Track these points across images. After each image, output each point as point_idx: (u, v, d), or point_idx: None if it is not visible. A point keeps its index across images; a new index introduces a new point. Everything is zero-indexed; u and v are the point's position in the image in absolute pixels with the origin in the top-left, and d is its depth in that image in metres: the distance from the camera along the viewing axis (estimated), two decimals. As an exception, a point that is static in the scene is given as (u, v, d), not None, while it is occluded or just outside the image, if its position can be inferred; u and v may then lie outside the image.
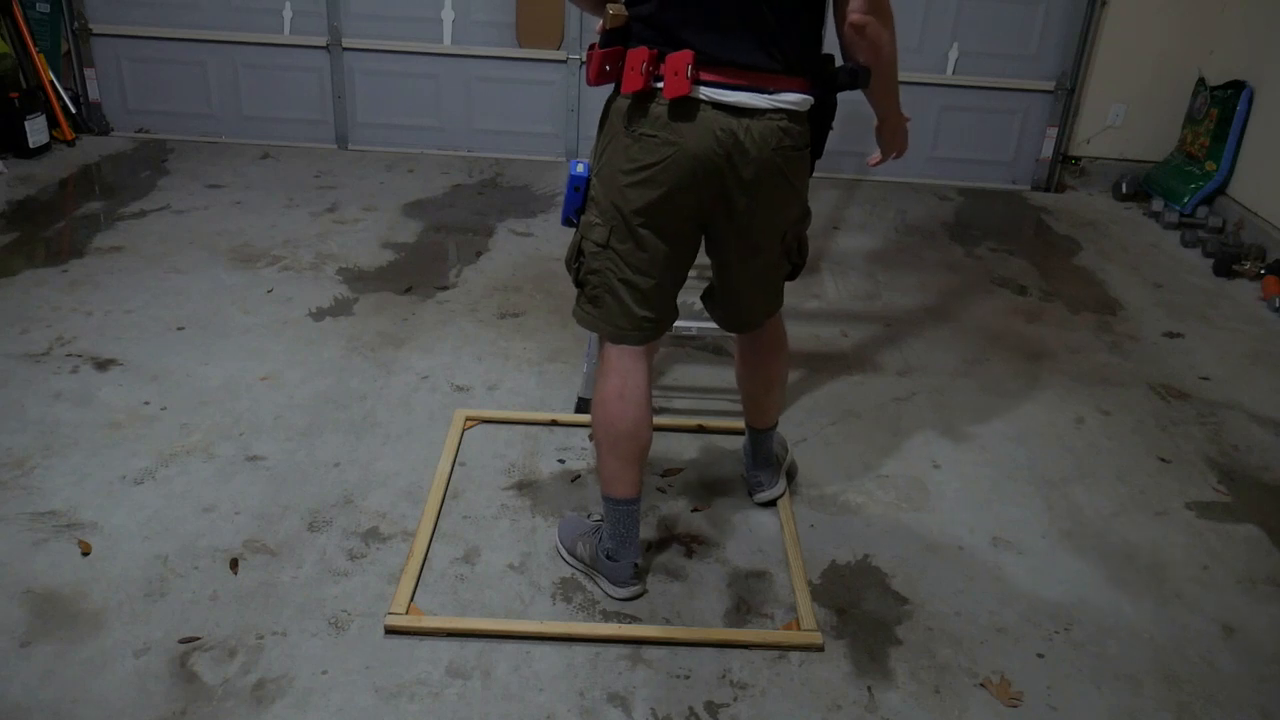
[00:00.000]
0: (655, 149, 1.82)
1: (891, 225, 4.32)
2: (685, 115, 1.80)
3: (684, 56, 1.75)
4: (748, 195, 1.88)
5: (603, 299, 1.97)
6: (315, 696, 1.84)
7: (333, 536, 2.25)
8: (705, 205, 1.89)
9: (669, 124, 1.80)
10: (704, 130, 1.80)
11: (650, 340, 2.03)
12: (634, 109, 1.83)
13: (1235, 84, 4.33)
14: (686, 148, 1.81)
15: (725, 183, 1.85)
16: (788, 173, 1.88)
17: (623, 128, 1.85)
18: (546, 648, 1.98)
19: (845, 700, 1.91)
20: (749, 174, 1.84)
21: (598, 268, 1.95)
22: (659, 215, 1.88)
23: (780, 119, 1.82)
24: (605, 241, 1.92)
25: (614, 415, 2.00)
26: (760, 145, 1.82)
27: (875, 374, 3.08)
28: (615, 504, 2.06)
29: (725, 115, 1.80)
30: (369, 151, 4.81)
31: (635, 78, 1.78)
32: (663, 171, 1.83)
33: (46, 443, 2.50)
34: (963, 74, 4.70)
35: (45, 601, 2.02)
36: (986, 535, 2.39)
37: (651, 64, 1.78)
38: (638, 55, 1.78)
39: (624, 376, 2.00)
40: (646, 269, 1.93)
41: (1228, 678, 2.02)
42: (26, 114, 4.33)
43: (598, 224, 1.93)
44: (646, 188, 1.85)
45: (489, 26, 4.61)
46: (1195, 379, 3.16)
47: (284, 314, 3.20)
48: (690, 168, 1.82)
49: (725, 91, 1.79)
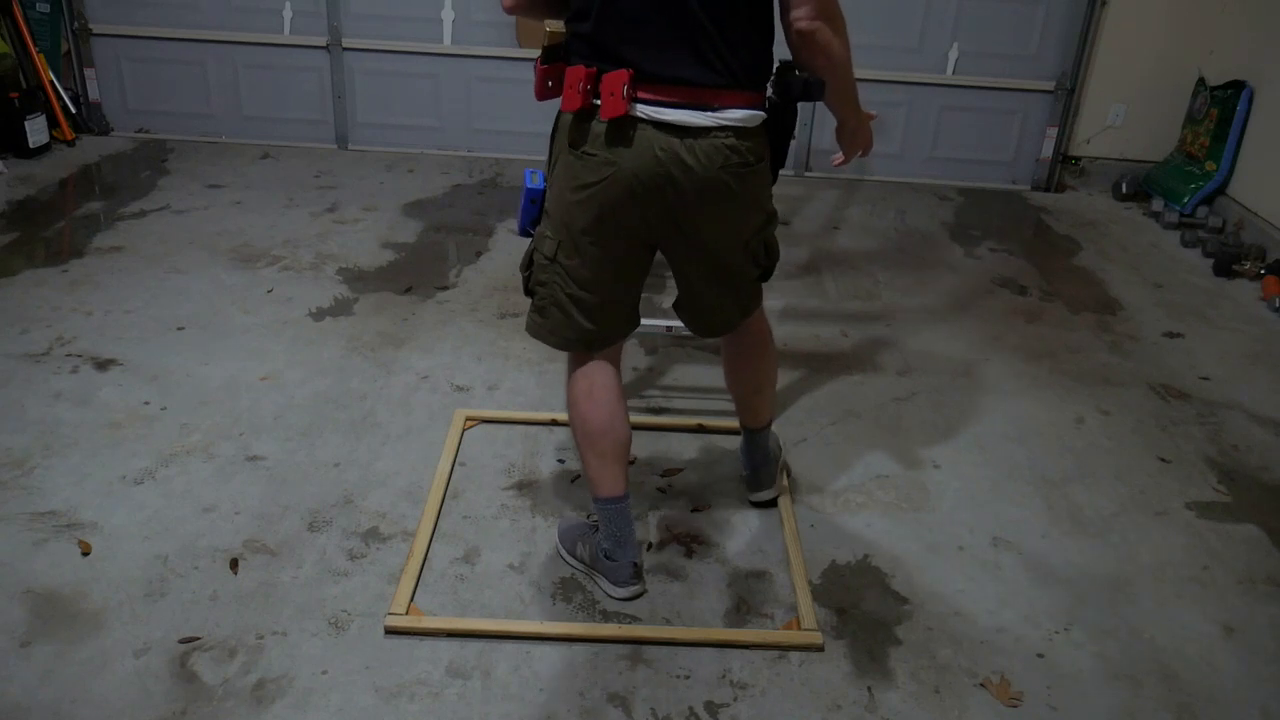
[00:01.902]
0: (596, 168, 1.80)
1: (891, 225, 4.32)
2: (623, 135, 1.76)
3: (619, 76, 1.71)
4: (695, 214, 1.84)
5: (549, 310, 1.97)
6: (315, 696, 1.84)
7: (333, 536, 2.25)
8: (650, 223, 1.86)
9: (607, 145, 1.77)
10: (643, 150, 1.76)
11: (600, 350, 2.02)
12: (575, 127, 1.81)
13: (1235, 84, 4.33)
14: (625, 168, 1.78)
15: (669, 202, 1.82)
16: (738, 189, 1.83)
17: (566, 145, 1.83)
18: (546, 648, 1.98)
19: (845, 700, 1.91)
20: (694, 193, 1.80)
21: (545, 280, 1.95)
22: (602, 233, 1.86)
23: (726, 136, 1.77)
24: (553, 255, 1.91)
25: (584, 415, 2.01)
26: (705, 165, 1.77)
27: (875, 374, 3.08)
28: (604, 503, 2.07)
29: (665, 135, 1.76)
30: (369, 151, 4.81)
31: (574, 96, 1.76)
32: (603, 191, 1.81)
33: (46, 443, 2.50)
34: (963, 74, 4.70)
35: (45, 601, 2.02)
36: (986, 535, 2.39)
37: (589, 82, 1.75)
38: (575, 74, 1.75)
39: (589, 377, 2.01)
40: (592, 285, 1.92)
41: (1228, 678, 2.02)
42: (26, 114, 4.33)
43: (549, 237, 1.92)
44: (588, 206, 1.83)
45: (489, 26, 4.61)
46: (1195, 379, 3.16)
47: (284, 314, 3.20)
48: (629, 188, 1.79)
49: (664, 110, 1.75)
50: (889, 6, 4.56)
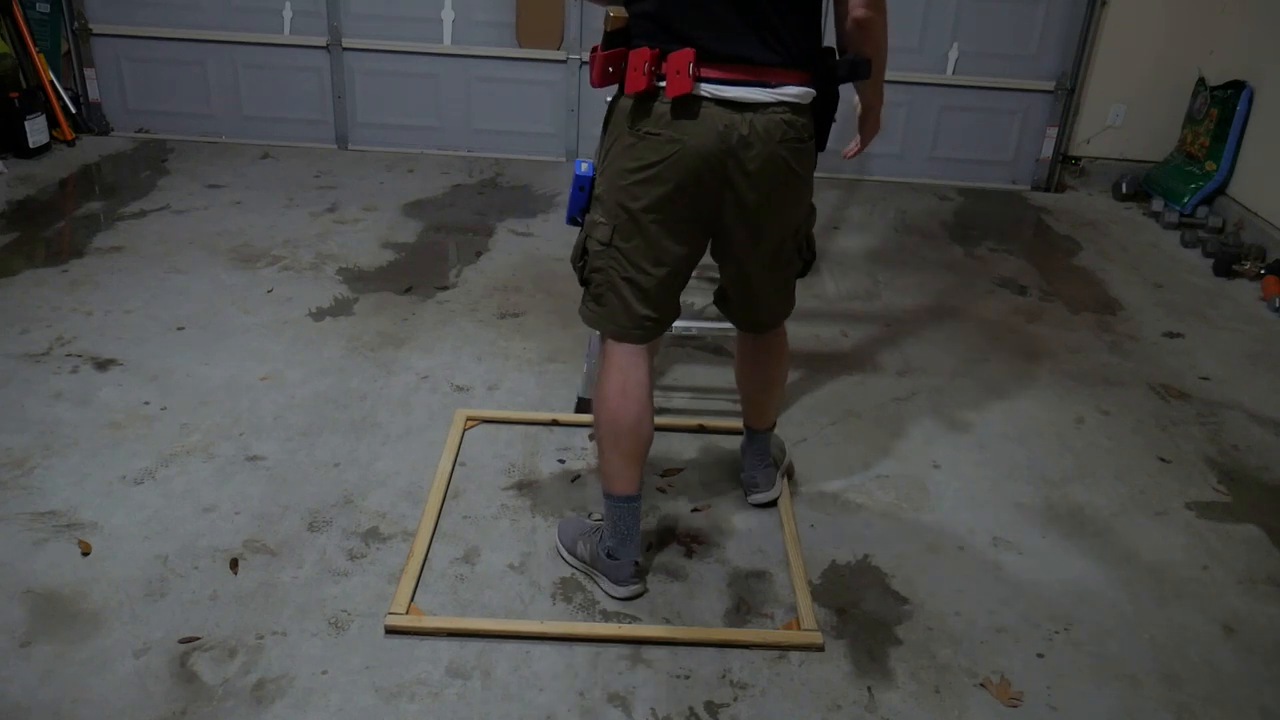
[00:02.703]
0: (660, 147, 1.83)
1: (891, 225, 4.32)
2: (688, 113, 1.81)
3: (685, 55, 1.76)
4: (755, 189, 1.88)
5: (606, 297, 1.98)
6: (315, 696, 1.84)
7: (333, 536, 2.25)
8: (712, 201, 1.90)
9: (672, 122, 1.81)
10: (707, 127, 1.81)
11: (652, 339, 2.04)
12: (638, 108, 1.84)
13: (1235, 84, 4.33)
14: (690, 145, 1.82)
15: (731, 177, 1.86)
16: (794, 164, 1.90)
17: (627, 127, 1.86)
18: (546, 648, 1.98)
19: (845, 700, 1.91)
20: (755, 167, 1.85)
21: (601, 266, 1.96)
22: (665, 212, 1.89)
23: (783, 112, 1.83)
24: (609, 240, 1.93)
25: (616, 411, 2.01)
26: (765, 139, 1.83)
27: (875, 374, 3.08)
28: (616, 501, 2.07)
29: (728, 111, 1.81)
30: (369, 151, 4.81)
31: (638, 78, 1.80)
32: (668, 169, 1.84)
33: (46, 443, 2.50)
34: (963, 74, 4.70)
35: (45, 601, 2.02)
36: (986, 535, 2.39)
37: (653, 63, 1.79)
38: (640, 55, 1.79)
39: (625, 373, 2.01)
40: (651, 266, 1.94)
41: (1228, 678, 2.02)
42: (26, 114, 4.33)
43: (602, 223, 1.94)
44: (652, 185, 1.86)
45: (489, 26, 4.61)
46: (1195, 379, 3.16)
47: (284, 314, 3.20)
48: (695, 164, 1.83)
49: (727, 87, 1.80)
50: (889, 6, 4.54)
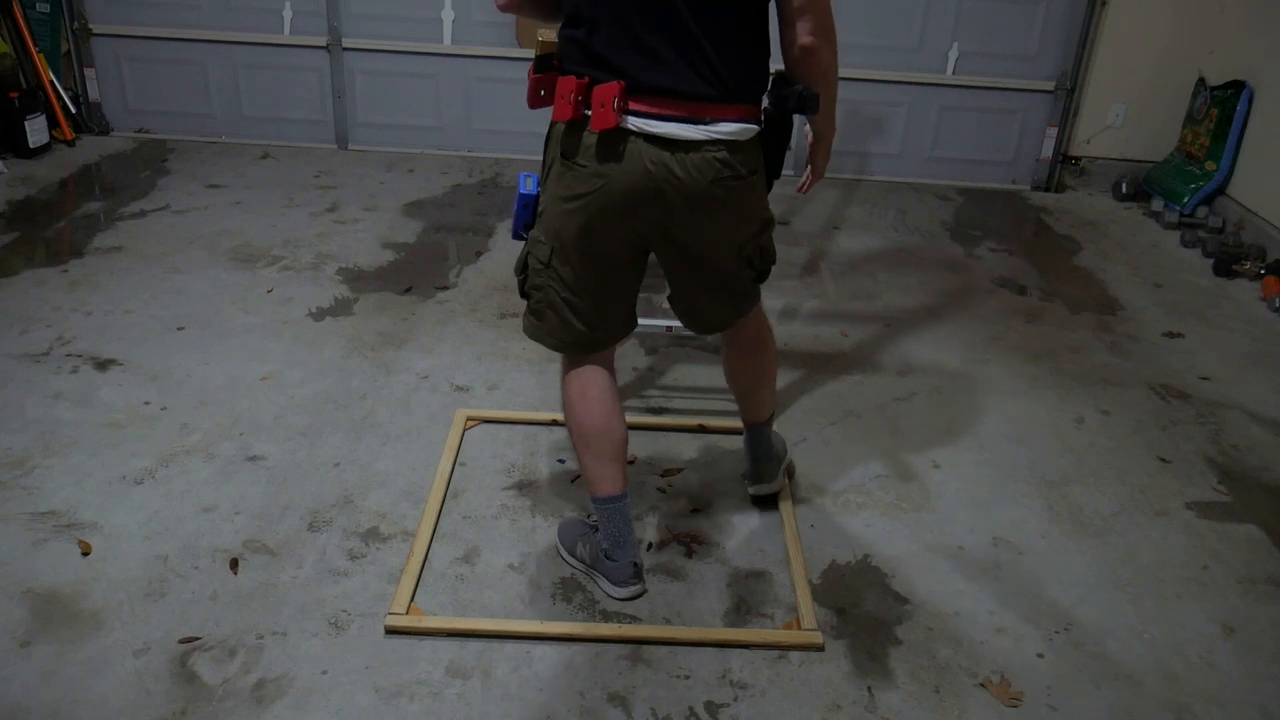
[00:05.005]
0: (586, 179, 1.79)
1: (891, 225, 4.31)
2: (613, 148, 1.75)
3: (611, 88, 1.70)
4: (686, 225, 1.84)
5: (544, 313, 1.98)
6: (315, 696, 1.84)
7: (333, 536, 2.25)
8: (640, 234, 1.87)
9: (596, 157, 1.77)
10: (633, 163, 1.76)
11: (597, 351, 2.03)
12: (567, 136, 1.80)
13: (1235, 84, 4.33)
14: (616, 180, 1.77)
15: (659, 215, 1.82)
16: (731, 202, 1.83)
17: (559, 154, 1.83)
18: (546, 648, 1.98)
19: (845, 700, 1.91)
20: (685, 206, 1.80)
21: (540, 284, 1.96)
22: (592, 244, 1.87)
23: (718, 150, 1.76)
24: (547, 260, 1.92)
25: (579, 415, 2.02)
26: (696, 178, 1.77)
27: (875, 374, 3.08)
28: (602, 503, 2.08)
29: (656, 148, 1.75)
30: (369, 151, 4.81)
31: (565, 107, 1.75)
32: (592, 202, 1.81)
33: (46, 443, 2.50)
34: (963, 74, 4.70)
35: (45, 601, 2.02)
36: (986, 535, 2.39)
37: (580, 93, 1.74)
38: (566, 84, 1.74)
39: (581, 377, 2.02)
40: (584, 292, 1.93)
41: (1228, 678, 2.02)
42: (26, 114, 4.33)
43: (541, 242, 1.92)
44: (579, 216, 1.83)
45: (489, 26, 4.61)
46: (1195, 379, 3.16)
47: (284, 314, 3.20)
48: (620, 200, 1.79)
49: (656, 123, 1.73)
50: (889, 6, 4.56)
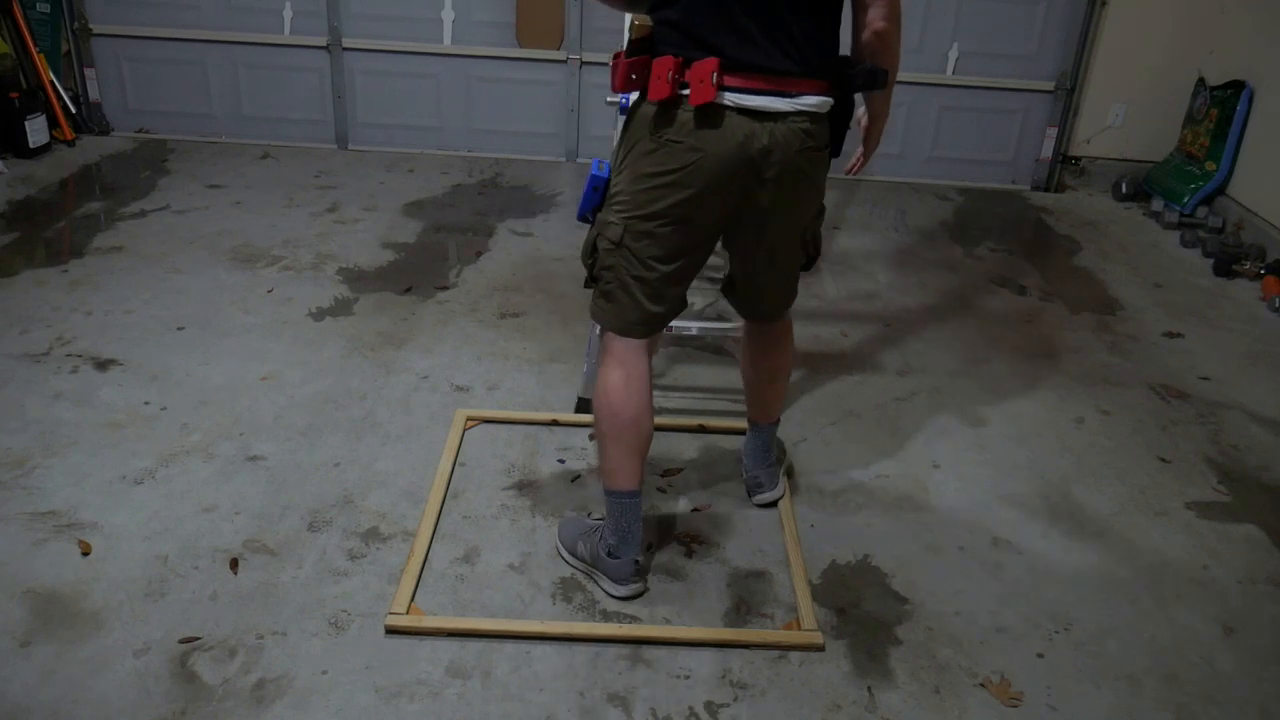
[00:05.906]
0: (680, 154, 1.85)
1: (891, 225, 4.32)
2: (710, 121, 1.82)
3: (709, 64, 1.77)
4: (771, 196, 1.92)
5: (615, 294, 2.00)
6: (315, 696, 1.84)
7: (333, 536, 2.25)
8: (728, 206, 1.93)
9: (694, 130, 1.83)
10: (728, 135, 1.83)
11: (655, 333, 2.07)
12: (660, 115, 1.85)
13: (1235, 84, 4.33)
14: (711, 153, 1.84)
15: (749, 185, 1.89)
16: (810, 173, 1.93)
17: (649, 133, 1.87)
18: (546, 648, 1.98)
19: (845, 700, 1.91)
20: (773, 176, 1.88)
21: (611, 264, 1.98)
22: (682, 217, 1.91)
23: (802, 121, 1.85)
24: (619, 240, 1.95)
25: (618, 405, 2.02)
26: (784, 148, 1.85)
27: (875, 374, 3.08)
28: (618, 496, 2.07)
29: (749, 120, 1.82)
30: (369, 151, 4.81)
31: (662, 85, 1.81)
32: (688, 176, 1.86)
33: (46, 443, 2.50)
34: (963, 74, 4.70)
35: (45, 601, 2.02)
36: (986, 535, 2.39)
37: (677, 71, 1.80)
38: (664, 64, 1.80)
39: (627, 367, 2.03)
40: (661, 264, 1.96)
41: (1228, 678, 2.02)
42: (26, 114, 4.33)
43: (614, 223, 1.95)
44: (672, 191, 1.88)
45: (489, 26, 4.61)
46: (1195, 379, 3.16)
47: (284, 314, 3.20)
48: (715, 172, 1.85)
49: (749, 96, 1.81)
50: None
